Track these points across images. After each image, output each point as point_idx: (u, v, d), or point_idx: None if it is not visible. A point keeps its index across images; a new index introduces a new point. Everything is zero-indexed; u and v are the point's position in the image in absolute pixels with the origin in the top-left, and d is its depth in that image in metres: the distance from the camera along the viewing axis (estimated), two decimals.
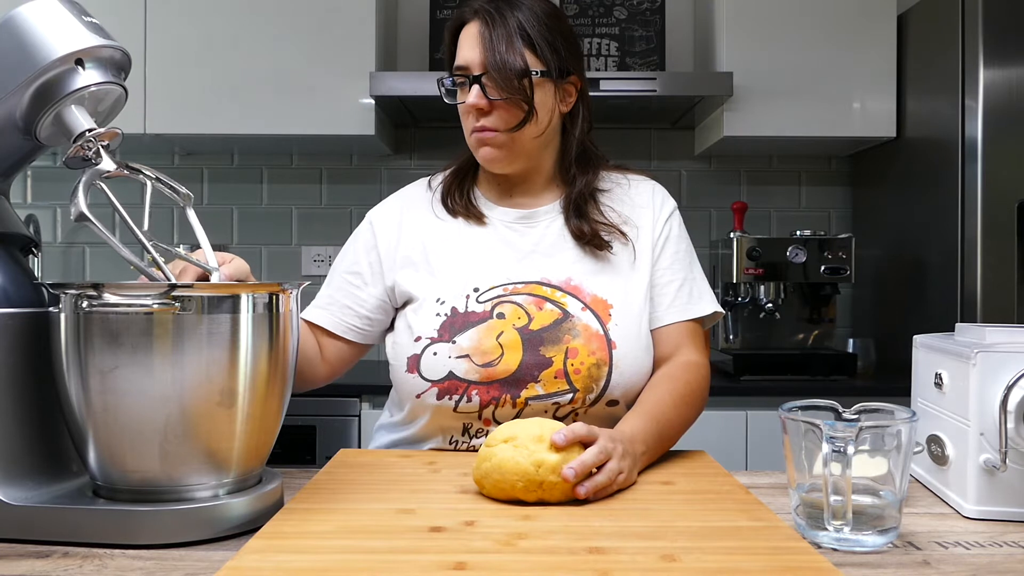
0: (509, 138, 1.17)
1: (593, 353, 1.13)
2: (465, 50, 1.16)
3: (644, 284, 1.21)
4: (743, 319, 2.52)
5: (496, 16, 1.15)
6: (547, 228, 1.23)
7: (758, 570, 0.69)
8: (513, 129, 1.16)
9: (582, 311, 1.16)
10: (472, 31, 1.16)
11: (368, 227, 1.27)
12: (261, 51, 2.41)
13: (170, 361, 0.76)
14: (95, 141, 0.83)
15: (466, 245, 1.22)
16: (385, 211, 1.28)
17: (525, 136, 1.17)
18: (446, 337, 1.14)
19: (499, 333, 1.13)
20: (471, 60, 1.15)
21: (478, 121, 1.17)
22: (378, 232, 1.26)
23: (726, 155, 2.78)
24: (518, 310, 1.16)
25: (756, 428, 2.20)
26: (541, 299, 1.17)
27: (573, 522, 0.82)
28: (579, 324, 1.15)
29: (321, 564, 0.70)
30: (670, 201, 1.29)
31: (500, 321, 1.15)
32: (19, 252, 0.89)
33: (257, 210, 2.80)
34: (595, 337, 1.14)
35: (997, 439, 0.85)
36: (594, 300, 1.17)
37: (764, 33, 2.42)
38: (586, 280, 1.19)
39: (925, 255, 2.29)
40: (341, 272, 1.25)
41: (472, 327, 1.14)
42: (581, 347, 1.13)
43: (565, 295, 1.17)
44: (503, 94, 1.14)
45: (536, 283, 1.18)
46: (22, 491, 0.79)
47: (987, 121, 2.04)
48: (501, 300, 1.17)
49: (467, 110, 1.18)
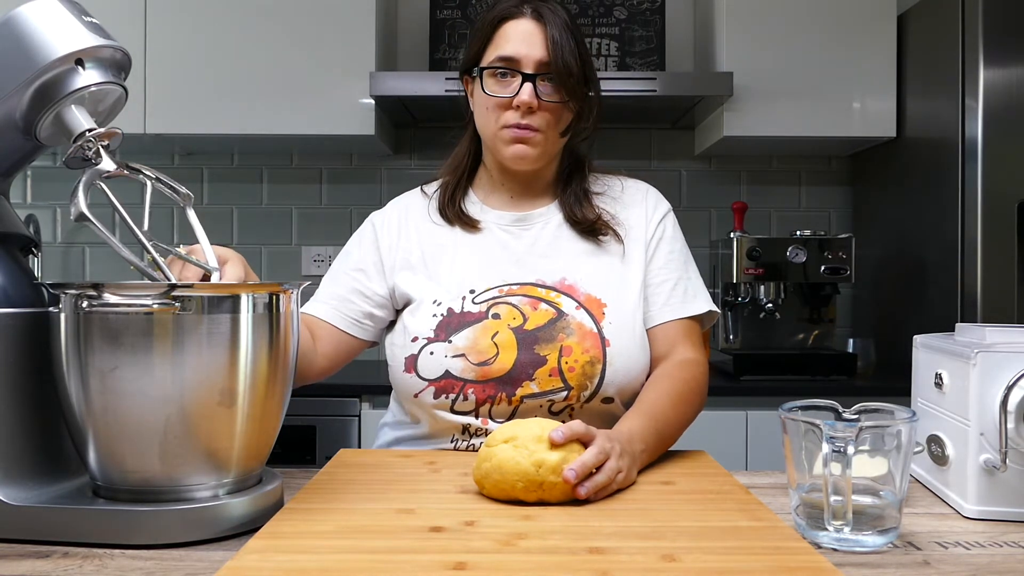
0: (545, 138, 1.17)
1: (587, 351, 1.14)
2: (517, 44, 1.15)
3: (638, 283, 1.21)
4: (743, 319, 2.52)
5: (553, 17, 1.15)
6: (542, 230, 1.24)
7: (758, 570, 0.69)
8: (564, 132, 1.18)
9: (576, 310, 1.17)
10: (526, 28, 1.15)
11: (370, 228, 1.28)
12: (261, 51, 2.41)
13: (170, 361, 0.76)
14: (95, 141, 0.83)
15: (463, 250, 1.23)
16: (386, 216, 1.29)
17: (560, 138, 1.19)
18: (442, 337, 1.15)
19: (494, 333, 1.14)
20: (525, 56, 1.14)
21: (522, 118, 1.15)
22: (380, 234, 1.26)
23: (726, 155, 2.78)
24: (513, 310, 1.16)
25: (756, 428, 2.20)
26: (536, 300, 1.17)
27: (573, 522, 0.82)
28: (573, 323, 1.15)
29: (321, 564, 0.70)
30: (663, 203, 1.30)
31: (495, 321, 1.15)
32: (19, 252, 0.89)
33: (257, 210, 2.80)
34: (589, 335, 1.15)
35: (997, 439, 0.85)
36: (588, 299, 1.18)
37: (764, 33, 2.42)
38: (581, 280, 1.20)
39: (925, 255, 2.29)
40: (345, 269, 1.25)
41: (468, 327, 1.15)
42: (575, 345, 1.14)
43: (560, 295, 1.18)
44: (562, 97, 1.15)
45: (531, 284, 1.19)
46: (22, 491, 0.79)
47: (987, 121, 2.04)
48: (496, 301, 1.17)
49: (506, 104, 1.16)
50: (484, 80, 1.17)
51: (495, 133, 1.18)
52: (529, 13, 1.16)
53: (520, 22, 1.16)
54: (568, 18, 1.17)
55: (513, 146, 1.17)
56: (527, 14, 1.16)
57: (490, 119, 1.18)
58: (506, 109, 1.16)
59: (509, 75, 1.15)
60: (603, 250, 1.23)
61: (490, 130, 1.19)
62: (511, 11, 1.17)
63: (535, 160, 1.19)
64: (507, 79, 1.15)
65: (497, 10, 1.18)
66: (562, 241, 1.23)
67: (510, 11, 1.17)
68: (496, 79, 1.16)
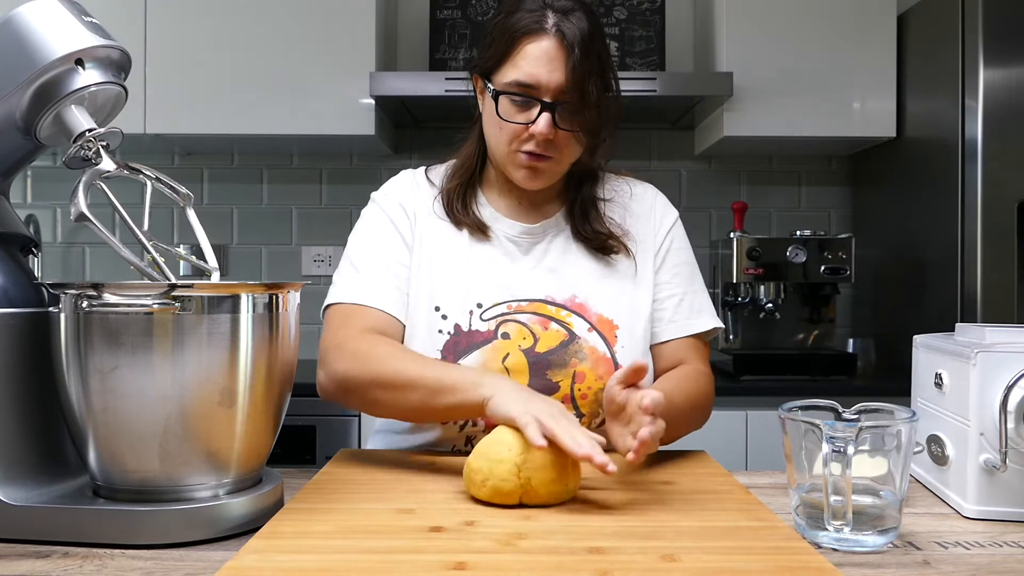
0: (558, 163, 1.14)
1: (600, 378, 1.12)
2: (537, 69, 1.08)
3: (648, 301, 1.20)
4: (743, 319, 2.52)
5: (576, 34, 1.07)
6: (551, 243, 1.21)
7: (758, 570, 0.69)
8: (569, 164, 1.15)
9: (588, 332, 1.15)
10: (548, 49, 1.08)
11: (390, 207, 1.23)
12: (261, 51, 2.41)
13: (170, 361, 0.76)
14: (95, 141, 0.83)
15: (469, 256, 1.19)
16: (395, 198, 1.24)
17: (574, 158, 1.16)
18: (450, 359, 1.12)
19: (505, 355, 1.12)
20: (545, 83, 1.08)
21: (537, 147, 1.10)
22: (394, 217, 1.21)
23: (726, 155, 2.77)
24: (523, 330, 1.14)
25: (756, 428, 2.20)
26: (546, 318, 1.15)
27: (573, 522, 0.82)
28: (586, 347, 1.13)
29: (321, 564, 0.70)
30: (672, 211, 1.27)
31: (505, 342, 1.13)
32: (19, 252, 0.89)
33: (257, 210, 2.80)
34: (602, 360, 1.13)
35: (997, 439, 0.85)
36: (600, 320, 1.16)
37: (764, 33, 2.42)
38: (591, 298, 1.17)
39: (925, 255, 2.28)
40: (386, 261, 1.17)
41: (477, 348, 1.12)
42: (588, 371, 1.12)
43: (570, 314, 1.16)
44: (579, 127, 1.10)
45: (540, 301, 1.16)
46: (22, 491, 0.79)
47: (987, 121, 2.04)
48: (505, 319, 1.14)
49: (521, 131, 1.11)
50: (500, 102, 1.11)
51: (506, 155, 1.14)
52: (552, 31, 1.08)
53: (542, 42, 1.08)
54: (591, 27, 1.09)
55: (525, 170, 1.14)
56: (550, 32, 1.08)
57: (502, 139, 1.13)
58: (520, 134, 1.11)
59: (526, 101, 1.10)
60: (613, 268, 1.20)
61: (501, 151, 1.14)
62: (532, 27, 1.08)
63: (546, 182, 1.16)
64: (524, 105, 1.10)
65: (519, 20, 1.09)
66: (571, 256, 1.20)
67: (531, 27, 1.08)
68: (512, 103, 1.10)
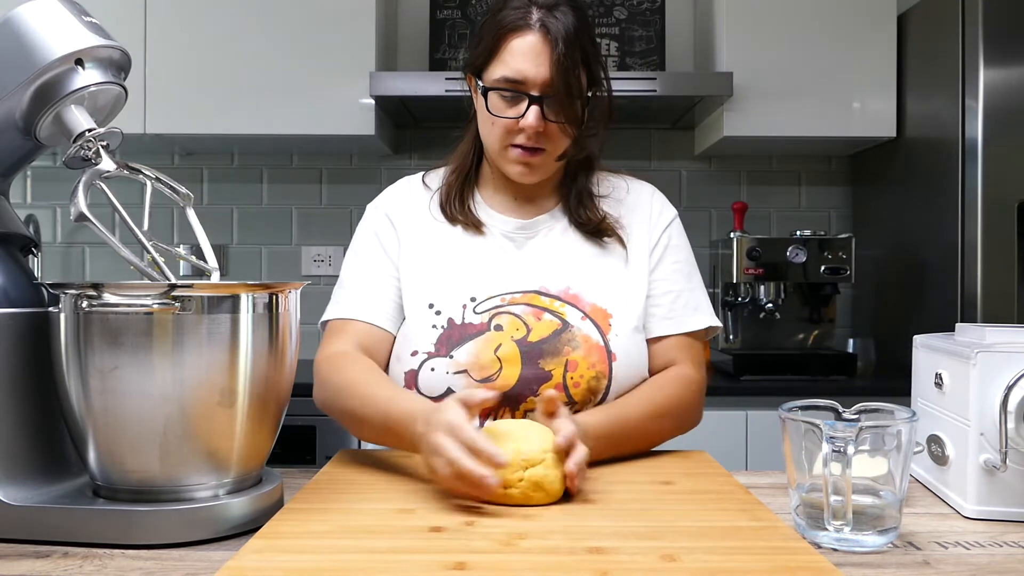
0: (550, 155, 1.15)
1: (593, 366, 1.12)
2: (523, 64, 1.10)
3: (642, 293, 1.20)
4: (743, 319, 2.52)
5: (560, 29, 1.09)
6: (546, 236, 1.22)
7: (758, 570, 0.69)
8: (560, 157, 1.16)
9: (582, 320, 1.15)
10: (533, 44, 1.10)
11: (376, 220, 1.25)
12: (261, 51, 2.41)
13: (170, 361, 0.76)
14: (95, 141, 0.83)
15: (463, 253, 1.20)
16: (383, 209, 1.25)
17: (565, 150, 1.17)
18: (443, 352, 1.12)
19: (497, 346, 1.12)
20: (532, 78, 1.10)
21: (528, 140, 1.13)
22: (379, 228, 1.24)
23: (726, 155, 2.77)
24: (516, 321, 1.14)
25: (756, 428, 2.20)
26: (539, 309, 1.15)
27: (573, 522, 0.82)
28: (579, 335, 1.13)
29: (321, 564, 0.70)
30: (669, 209, 1.27)
31: (498, 333, 1.13)
32: (19, 252, 0.89)
33: (257, 210, 2.80)
34: (595, 348, 1.13)
35: (997, 439, 0.85)
36: (593, 309, 1.16)
37: (764, 33, 2.42)
38: (585, 289, 1.17)
39: (925, 255, 2.29)
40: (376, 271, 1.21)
41: (470, 339, 1.13)
42: (581, 359, 1.12)
43: (564, 304, 1.16)
44: (565, 119, 1.12)
45: (534, 292, 1.17)
46: (22, 491, 0.79)
47: (987, 121, 2.04)
48: (498, 311, 1.15)
49: (512, 125, 1.13)
50: (489, 98, 1.13)
51: (499, 151, 1.16)
52: (537, 27, 1.10)
53: (527, 38, 1.10)
54: (576, 20, 1.11)
55: (518, 166, 1.15)
56: (534, 27, 1.10)
57: (494, 135, 1.15)
58: (512, 128, 1.13)
59: (515, 96, 1.12)
60: (606, 252, 1.21)
61: (494, 147, 1.17)
62: (518, 23, 1.11)
63: (540, 176, 1.18)
64: (513, 100, 1.12)
65: (505, 17, 1.12)
66: (567, 245, 1.21)
67: (517, 23, 1.11)
68: (501, 98, 1.13)
